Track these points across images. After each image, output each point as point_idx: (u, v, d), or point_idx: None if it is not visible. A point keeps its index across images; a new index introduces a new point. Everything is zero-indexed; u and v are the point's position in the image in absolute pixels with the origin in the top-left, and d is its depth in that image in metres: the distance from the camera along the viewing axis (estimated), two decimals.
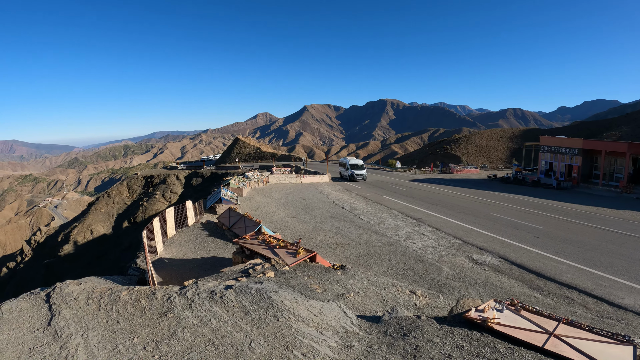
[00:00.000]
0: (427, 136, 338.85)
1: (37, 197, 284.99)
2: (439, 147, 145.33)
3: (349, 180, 64.91)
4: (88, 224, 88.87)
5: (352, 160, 68.56)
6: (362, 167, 66.88)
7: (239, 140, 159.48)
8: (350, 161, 68.19)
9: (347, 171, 66.73)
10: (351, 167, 66.33)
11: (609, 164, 50.36)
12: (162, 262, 19.38)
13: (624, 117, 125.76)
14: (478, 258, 20.81)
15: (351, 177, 65.11)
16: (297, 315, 9.02)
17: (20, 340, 8.18)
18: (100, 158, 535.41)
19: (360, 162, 68.74)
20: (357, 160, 69.14)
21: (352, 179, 64.80)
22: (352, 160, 69.22)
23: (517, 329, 8.37)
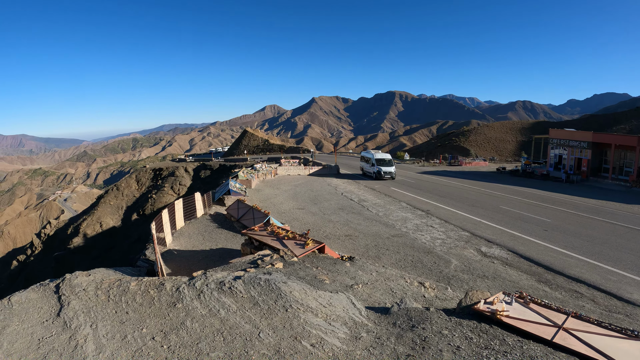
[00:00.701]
0: (436, 128, 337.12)
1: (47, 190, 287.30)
2: (447, 139, 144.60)
3: (375, 179, 54.19)
4: (97, 216, 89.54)
5: (378, 155, 57.76)
6: (391, 163, 56.25)
7: (247, 132, 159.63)
8: (376, 155, 57.28)
9: (372, 168, 55.99)
10: (377, 163, 55.51)
11: (618, 157, 49.84)
12: (171, 254, 19.49)
13: (634, 111, 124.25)
14: (486, 251, 20.75)
15: (378, 175, 54.11)
16: (305, 306, 9.03)
17: (29, 331, 8.24)
18: (109, 151, 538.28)
19: (387, 156, 57.85)
20: (384, 155, 58.30)
21: (378, 177, 53.97)
22: (378, 154, 58.41)
23: (526, 321, 8.33)
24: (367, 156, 59.89)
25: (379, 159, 56.31)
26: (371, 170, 56.43)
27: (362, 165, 61.82)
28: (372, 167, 55.95)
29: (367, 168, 58.86)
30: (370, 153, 60.01)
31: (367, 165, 58.96)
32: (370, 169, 56.84)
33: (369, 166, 57.52)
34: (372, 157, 57.34)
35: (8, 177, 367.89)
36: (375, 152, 60.05)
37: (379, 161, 56.05)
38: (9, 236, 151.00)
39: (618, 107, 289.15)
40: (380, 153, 59.34)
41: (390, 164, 55.55)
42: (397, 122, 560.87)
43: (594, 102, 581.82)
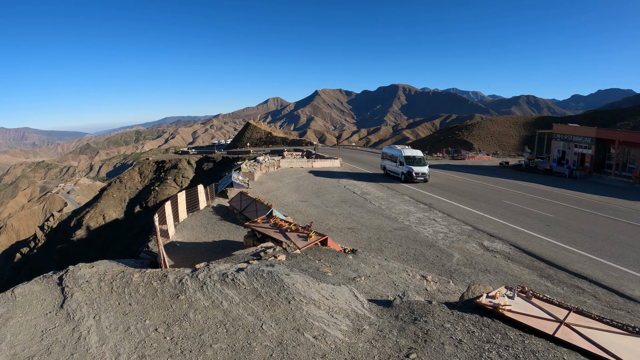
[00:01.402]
0: (439, 122, 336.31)
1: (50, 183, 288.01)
2: (450, 133, 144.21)
3: (404, 181, 44.76)
4: (100, 209, 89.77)
5: (407, 151, 47.35)
6: (423, 162, 46.16)
7: (250, 125, 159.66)
8: (405, 152, 46.88)
9: (400, 167, 46.11)
10: (407, 162, 45.41)
11: (622, 154, 49.63)
12: (174, 246, 19.54)
13: (639, 107, 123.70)
14: (489, 245, 20.77)
15: (408, 176, 44.35)
16: (308, 298, 9.06)
17: (33, 322, 8.28)
18: (111, 144, 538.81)
19: (418, 153, 47.68)
20: (414, 151, 47.78)
21: (408, 179, 44.32)
22: (407, 150, 47.97)
23: (528, 316, 8.35)
24: (392, 153, 50.13)
25: (409, 157, 46.23)
26: (398, 170, 46.91)
27: (385, 164, 51.90)
28: (400, 166, 46.20)
29: (391, 167, 49.56)
30: (395, 149, 49.81)
31: (391, 164, 49.61)
32: (397, 169, 47.24)
33: (395, 165, 47.92)
34: (399, 155, 47.17)
35: (11, 170, 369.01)
36: (403, 148, 49.96)
37: (409, 159, 45.95)
38: (12, 229, 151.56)
39: (622, 103, 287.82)
40: (409, 149, 48.84)
41: (422, 163, 45.70)
42: (400, 115, 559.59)
43: (598, 98, 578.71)
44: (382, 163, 53.28)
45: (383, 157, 53.53)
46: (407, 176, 44.50)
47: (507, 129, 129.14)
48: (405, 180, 44.54)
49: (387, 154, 52.22)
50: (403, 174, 45.23)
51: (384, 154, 53.55)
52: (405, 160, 45.63)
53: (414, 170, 44.02)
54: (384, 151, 53.75)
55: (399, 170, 46.64)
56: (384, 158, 53.03)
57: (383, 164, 52.92)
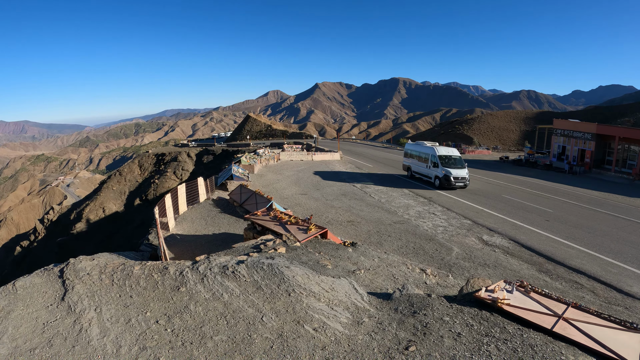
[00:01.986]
0: (439, 116, 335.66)
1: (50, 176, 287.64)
2: (451, 127, 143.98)
3: (439, 188, 36.63)
4: (100, 202, 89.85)
5: (441, 149, 38.85)
6: (462, 163, 37.61)
7: (250, 117, 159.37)
8: (439, 150, 38.43)
9: (434, 170, 37.77)
10: (444, 163, 37.01)
11: (622, 150, 49.61)
12: (174, 238, 19.59)
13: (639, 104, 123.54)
14: (488, 239, 20.83)
15: (445, 181, 35.92)
16: (308, 291, 9.10)
17: (34, 315, 8.31)
18: (111, 136, 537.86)
19: (455, 152, 39.09)
20: (449, 150, 39.40)
21: (445, 185, 35.95)
22: (441, 148, 39.44)
23: (527, 310, 8.39)
24: (421, 151, 41.24)
25: (445, 157, 37.61)
26: (430, 174, 38.58)
27: (410, 164, 43.58)
28: (434, 168, 37.79)
29: (419, 169, 41.21)
30: (425, 146, 40.99)
31: (419, 165, 41.26)
32: (429, 172, 38.84)
33: (426, 167, 39.45)
34: (431, 154, 38.65)
35: (11, 163, 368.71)
36: (434, 145, 40.90)
37: (445, 160, 37.36)
38: (12, 222, 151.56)
39: (623, 100, 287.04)
40: (443, 147, 40.49)
41: (461, 165, 37.14)
42: (400, 108, 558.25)
43: (599, 94, 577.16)
44: (406, 162, 44.80)
45: (407, 155, 44.89)
46: (443, 181, 36.08)
47: (508, 123, 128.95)
48: (441, 186, 36.31)
49: (412, 152, 43.46)
50: (438, 178, 36.93)
51: (408, 152, 44.78)
52: (441, 162, 37.02)
53: (452, 175, 35.70)
54: (409, 148, 44.78)
55: (431, 173, 38.43)
56: (408, 156, 44.57)
57: (407, 164, 44.45)
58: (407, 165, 44.33)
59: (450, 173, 35.69)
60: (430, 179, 38.45)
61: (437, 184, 36.99)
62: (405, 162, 45.16)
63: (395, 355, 7.06)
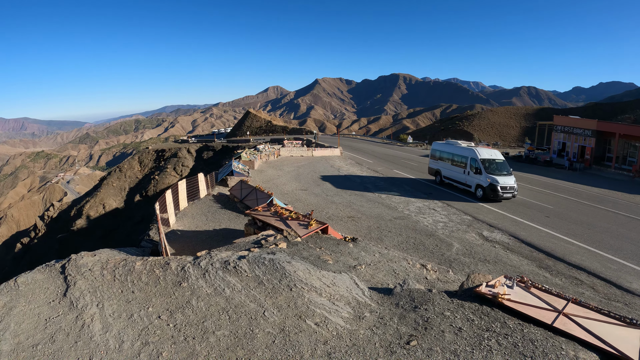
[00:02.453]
0: (440, 112, 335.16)
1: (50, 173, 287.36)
2: (451, 123, 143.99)
3: (482, 199, 29.77)
4: (100, 198, 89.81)
5: (483, 152, 31.78)
6: (508, 168, 30.92)
7: (250, 113, 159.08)
8: (482, 153, 31.45)
9: (474, 176, 30.88)
10: (488, 169, 30.13)
11: (622, 147, 49.56)
12: (175, 234, 19.61)
13: None
14: (488, 235, 20.86)
15: (490, 192, 29.06)
16: (309, 286, 9.13)
17: (36, 311, 8.34)
18: (111, 133, 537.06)
19: (498, 154, 32.18)
20: (492, 152, 32.32)
21: (490, 196, 29.15)
22: (483, 150, 32.17)
23: (527, 305, 8.44)
24: (457, 153, 33.95)
25: (489, 161, 30.80)
26: (470, 181, 31.51)
27: (440, 168, 36.59)
28: (476, 175, 30.69)
29: (453, 174, 34.15)
30: (462, 147, 33.91)
31: (454, 170, 34.04)
32: (469, 179, 31.70)
33: (464, 173, 32.41)
34: (472, 157, 31.56)
35: (11, 160, 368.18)
36: (469, 145, 35.05)
37: (489, 164, 30.48)
38: (12, 219, 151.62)
39: (624, 97, 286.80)
40: (484, 148, 33.18)
41: (507, 170, 30.49)
42: (400, 104, 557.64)
43: (600, 91, 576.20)
44: (434, 165, 37.73)
45: (434, 157, 37.82)
46: (488, 192, 29.19)
47: (508, 119, 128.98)
48: (485, 198, 29.56)
49: (443, 153, 36.41)
50: (481, 187, 30.03)
51: (436, 154, 37.64)
52: (484, 166, 30.20)
53: (499, 184, 28.82)
54: (437, 149, 37.65)
55: (471, 180, 31.40)
56: (436, 158, 37.47)
57: (435, 167, 37.43)
58: (435, 169, 37.28)
59: (497, 182, 28.90)
60: (469, 188, 31.54)
61: (480, 194, 30.08)
62: (432, 164, 38.05)
63: (397, 349, 7.10)
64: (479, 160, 30.53)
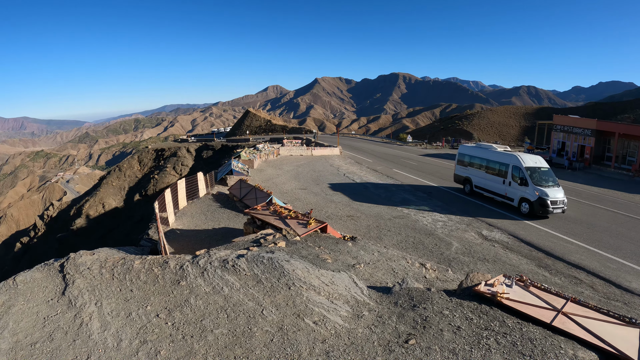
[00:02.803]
0: (439, 111, 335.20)
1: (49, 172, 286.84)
2: (450, 122, 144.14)
3: (528, 215, 25.17)
4: (100, 197, 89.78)
5: (527, 158, 27.20)
6: (554, 178, 26.71)
7: (249, 112, 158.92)
8: (526, 161, 26.85)
9: (520, 188, 26.11)
10: (535, 180, 25.75)
11: (622, 146, 49.59)
12: (174, 233, 19.60)
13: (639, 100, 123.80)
14: (487, 234, 20.87)
15: (540, 207, 24.61)
16: (308, 284, 9.12)
17: (34, 310, 8.33)
18: (111, 132, 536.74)
19: (543, 162, 27.43)
20: (536, 159, 27.46)
21: (539, 212, 24.72)
22: (527, 156, 27.54)
23: (526, 304, 8.43)
24: (493, 159, 29.18)
25: (534, 169, 26.37)
26: (511, 193, 26.80)
27: (470, 176, 31.59)
28: (521, 187, 25.89)
29: (490, 184, 29.14)
30: (499, 152, 29.18)
31: (489, 180, 29.24)
32: (510, 191, 26.97)
33: (503, 182, 27.69)
34: (514, 164, 26.96)
35: (10, 160, 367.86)
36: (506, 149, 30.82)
37: (534, 174, 26.10)
38: (12, 219, 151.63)
39: (623, 96, 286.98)
40: (528, 155, 28.00)
41: (554, 180, 26.25)
42: (400, 104, 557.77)
43: (599, 90, 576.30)
44: (462, 172, 32.69)
45: (463, 162, 32.69)
46: (537, 207, 24.58)
47: (507, 119, 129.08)
48: (530, 214, 24.99)
49: (474, 158, 31.43)
50: (527, 201, 25.31)
51: (465, 159, 32.54)
52: (531, 176, 25.71)
53: (549, 197, 24.41)
54: (467, 153, 32.50)
55: (513, 193, 26.58)
56: (465, 164, 32.40)
57: (464, 174, 32.32)
58: (464, 177, 32.22)
59: (547, 195, 24.42)
60: (510, 202, 26.94)
61: (526, 209, 25.31)
62: (460, 171, 33.02)
63: (395, 348, 7.09)
64: (524, 169, 26.03)
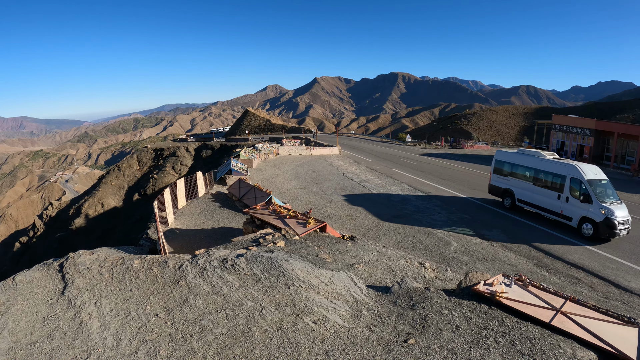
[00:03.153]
0: (438, 111, 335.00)
1: (48, 172, 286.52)
2: (450, 122, 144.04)
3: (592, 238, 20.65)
4: (99, 197, 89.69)
5: (588, 170, 22.62)
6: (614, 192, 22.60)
7: (248, 112, 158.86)
8: (587, 172, 22.37)
9: (580, 206, 21.73)
10: (597, 194, 21.42)
11: (621, 146, 49.69)
12: (173, 233, 19.59)
13: (639, 100, 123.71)
14: (487, 233, 20.86)
15: (607, 229, 20.12)
16: (307, 284, 9.13)
17: (34, 309, 8.33)
18: (110, 132, 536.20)
19: (602, 174, 22.95)
20: (595, 170, 22.93)
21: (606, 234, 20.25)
22: (586, 166, 23.09)
23: (525, 304, 8.44)
24: (543, 169, 24.83)
25: (597, 183, 22.31)
26: (572, 212, 22.43)
27: (512, 187, 26.72)
28: (583, 205, 21.72)
29: (540, 199, 24.50)
30: (551, 161, 24.80)
31: (539, 193, 24.60)
32: (570, 209, 22.54)
33: (561, 199, 23.18)
34: (572, 176, 22.70)
35: (9, 159, 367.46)
36: (555, 157, 25.88)
37: (599, 189, 22.07)
38: (11, 218, 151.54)
39: (622, 96, 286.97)
40: (587, 165, 23.65)
41: (615, 195, 22.34)
42: (399, 103, 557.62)
43: (598, 90, 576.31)
44: (501, 183, 27.55)
45: (501, 171, 27.70)
46: (602, 229, 20.41)
47: (507, 118, 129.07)
48: (594, 237, 20.68)
49: (517, 167, 26.57)
50: (591, 221, 21.07)
51: (503, 167, 27.61)
52: (598, 192, 21.71)
53: (616, 217, 20.36)
54: (506, 160, 27.57)
55: (572, 211, 22.30)
56: (503, 173, 27.46)
57: (503, 185, 27.34)
58: (504, 188, 27.16)
59: (614, 214, 20.31)
60: (567, 221, 22.56)
61: (589, 232, 20.95)
62: (498, 181, 27.80)
63: (394, 347, 7.09)
64: (586, 183, 21.69)
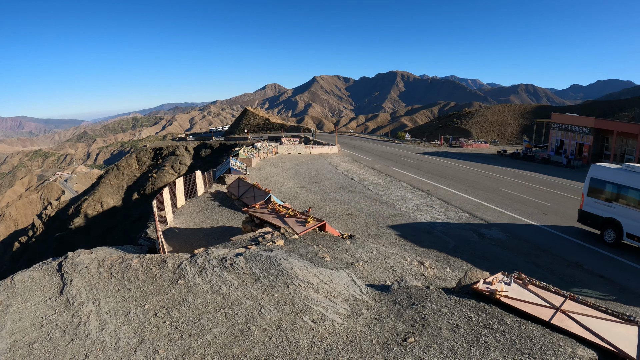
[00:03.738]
0: (437, 109, 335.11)
1: (47, 171, 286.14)
2: (449, 120, 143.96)
3: None
4: (98, 196, 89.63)
5: None
6: None
7: (247, 111, 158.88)
8: None
9: None
10: None
11: (620, 145, 49.76)
12: (172, 232, 19.58)
13: (638, 99, 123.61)
14: (486, 232, 20.85)
15: None
16: (306, 283, 9.11)
17: (32, 309, 8.32)
18: (109, 131, 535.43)
19: None
20: None
21: None
22: None
23: (525, 302, 8.44)
24: None
25: None
26: None
27: (621, 219, 19.02)
28: None
29: None
30: None
31: None
32: None
33: None
34: None
35: (8, 159, 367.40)
36: None
37: None
38: (10, 218, 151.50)
39: (621, 94, 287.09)
40: None
41: None
42: (398, 102, 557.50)
43: (597, 88, 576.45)
44: (601, 211, 20.32)
45: (600, 193, 20.60)
46: None
47: (506, 117, 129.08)
48: None
49: (626, 189, 19.24)
50: None
51: (604, 187, 20.44)
52: None
53: None
54: (609, 179, 20.22)
55: None
56: (604, 198, 20.35)
57: (604, 214, 20.06)
58: (605, 217, 20.00)
59: None
60: None
61: None
62: (596, 208, 20.67)
63: (394, 346, 7.08)
64: None
